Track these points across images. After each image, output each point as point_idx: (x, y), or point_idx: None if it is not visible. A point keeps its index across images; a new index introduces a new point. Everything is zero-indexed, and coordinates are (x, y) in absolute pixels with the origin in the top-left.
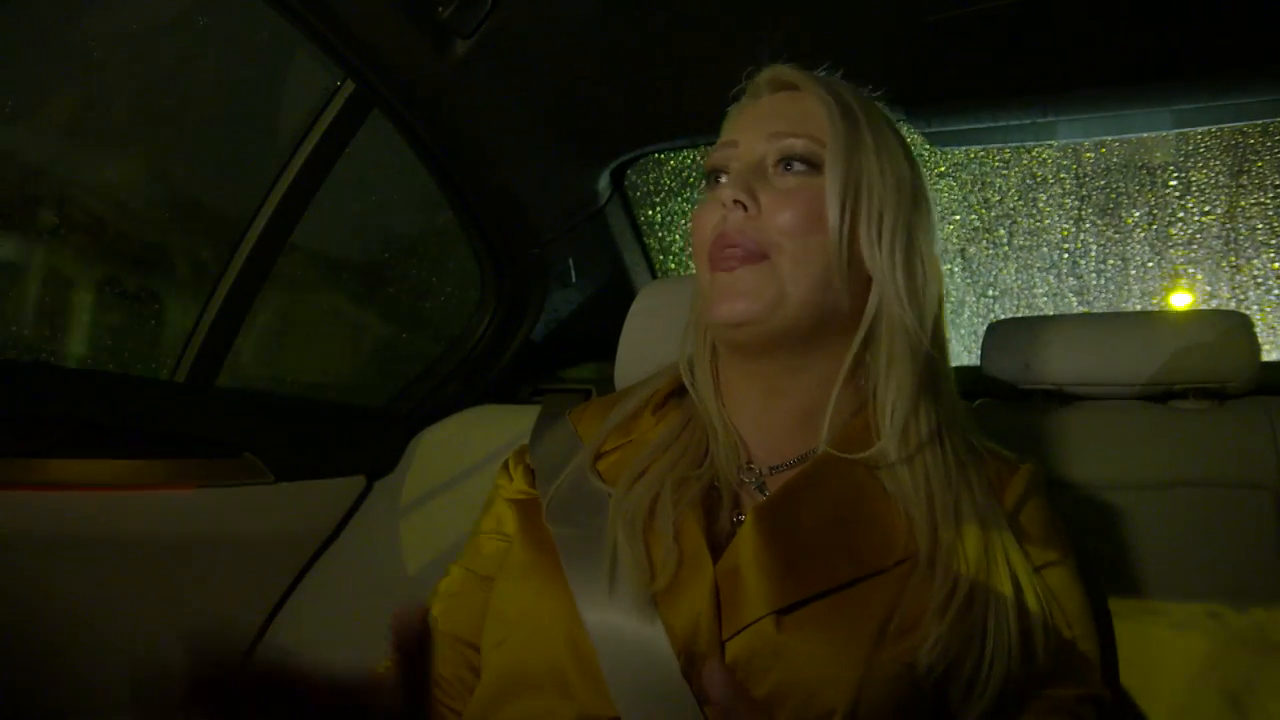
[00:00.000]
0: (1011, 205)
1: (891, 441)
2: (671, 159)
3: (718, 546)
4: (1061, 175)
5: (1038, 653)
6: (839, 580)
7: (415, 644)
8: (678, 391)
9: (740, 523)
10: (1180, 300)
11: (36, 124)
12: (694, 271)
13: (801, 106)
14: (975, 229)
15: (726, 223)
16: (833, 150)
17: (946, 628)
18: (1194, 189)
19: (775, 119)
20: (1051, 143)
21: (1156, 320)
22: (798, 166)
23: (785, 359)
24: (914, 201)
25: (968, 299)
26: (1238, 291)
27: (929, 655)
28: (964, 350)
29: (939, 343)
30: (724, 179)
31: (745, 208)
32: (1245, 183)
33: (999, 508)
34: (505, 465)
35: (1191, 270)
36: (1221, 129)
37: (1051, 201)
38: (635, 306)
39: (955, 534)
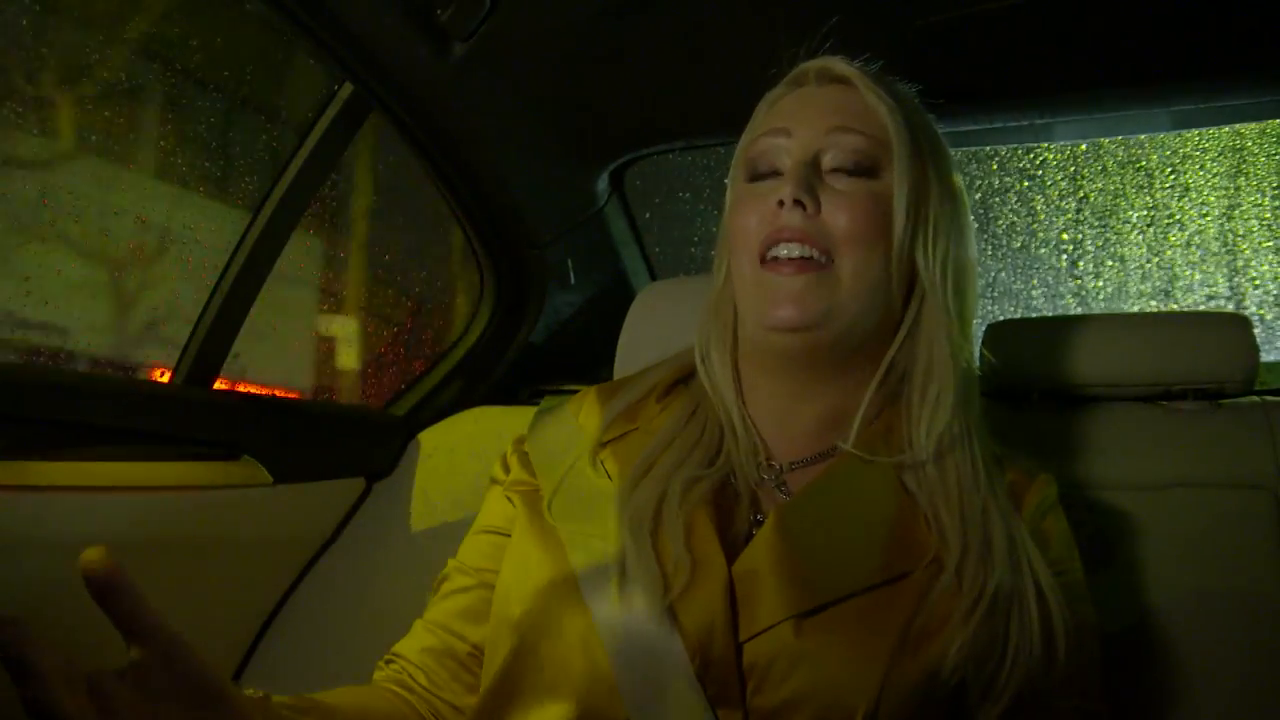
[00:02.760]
0: (1009, 206)
1: (927, 449)
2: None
3: (733, 546)
4: (1059, 177)
5: (1059, 656)
6: (862, 584)
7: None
8: (682, 380)
9: (759, 522)
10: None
11: None
12: (691, 273)
13: (858, 103)
14: (973, 230)
15: (782, 219)
16: (898, 155)
17: (971, 634)
18: (1192, 190)
19: (834, 112)
20: (1049, 144)
21: (1154, 321)
22: (860, 169)
23: (822, 365)
24: (965, 206)
25: None
26: (1236, 293)
27: (952, 663)
28: None
29: (970, 350)
30: (770, 178)
31: (804, 207)
32: (1243, 184)
33: (1019, 513)
34: (502, 458)
35: (1190, 271)
36: (1220, 130)
37: (1049, 203)
38: (635, 308)
39: (983, 538)
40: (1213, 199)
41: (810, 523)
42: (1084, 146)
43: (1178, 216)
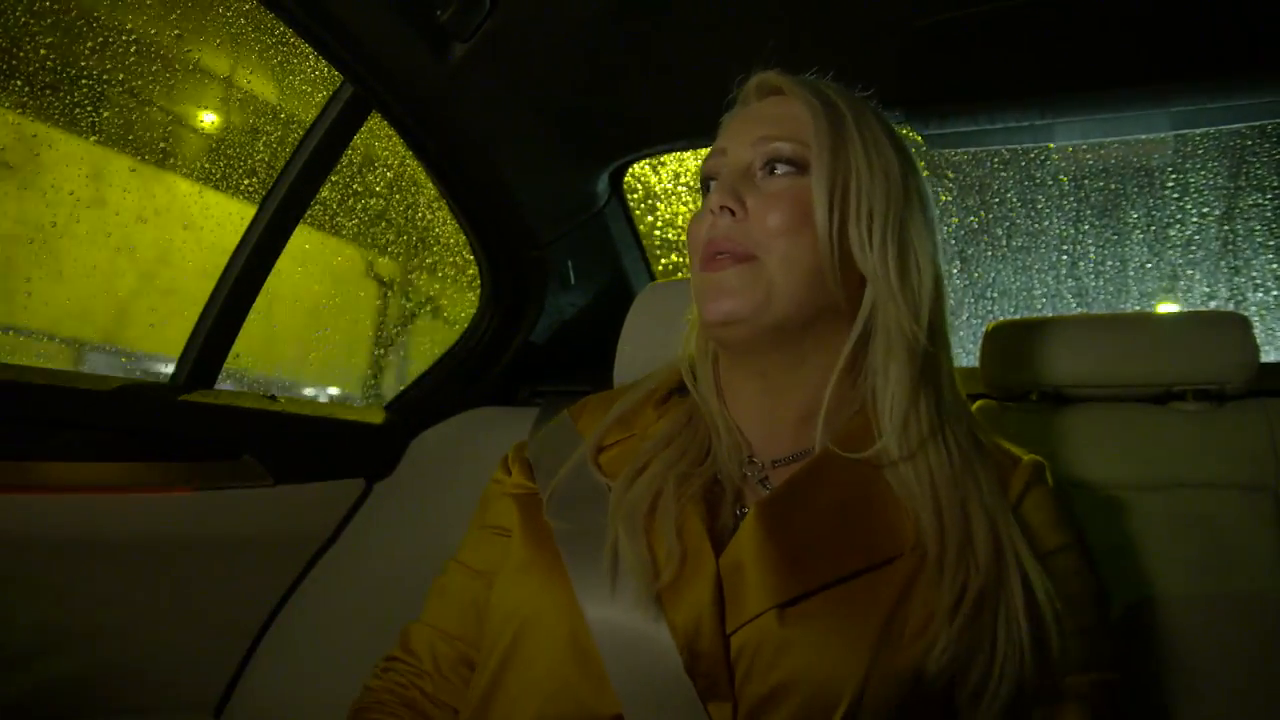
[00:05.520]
0: (1010, 207)
1: (892, 439)
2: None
3: (720, 542)
4: (1060, 177)
5: (1053, 656)
6: (843, 572)
7: None
8: (680, 388)
9: (743, 516)
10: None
11: None
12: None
13: (787, 110)
14: (974, 230)
15: (715, 229)
16: (817, 150)
17: (956, 632)
18: (1192, 190)
19: (761, 124)
20: (1049, 144)
21: (1155, 321)
22: (783, 169)
23: (780, 355)
24: (905, 196)
25: (966, 300)
26: (1236, 293)
27: (938, 661)
28: (962, 352)
29: (937, 338)
30: (713, 183)
31: (732, 212)
32: (1243, 184)
33: (1005, 503)
34: (504, 461)
35: (1190, 271)
36: (1219, 130)
37: (1050, 203)
38: (634, 309)
39: (964, 533)
40: (1213, 199)
41: (790, 514)
42: (1084, 146)
43: (1178, 216)
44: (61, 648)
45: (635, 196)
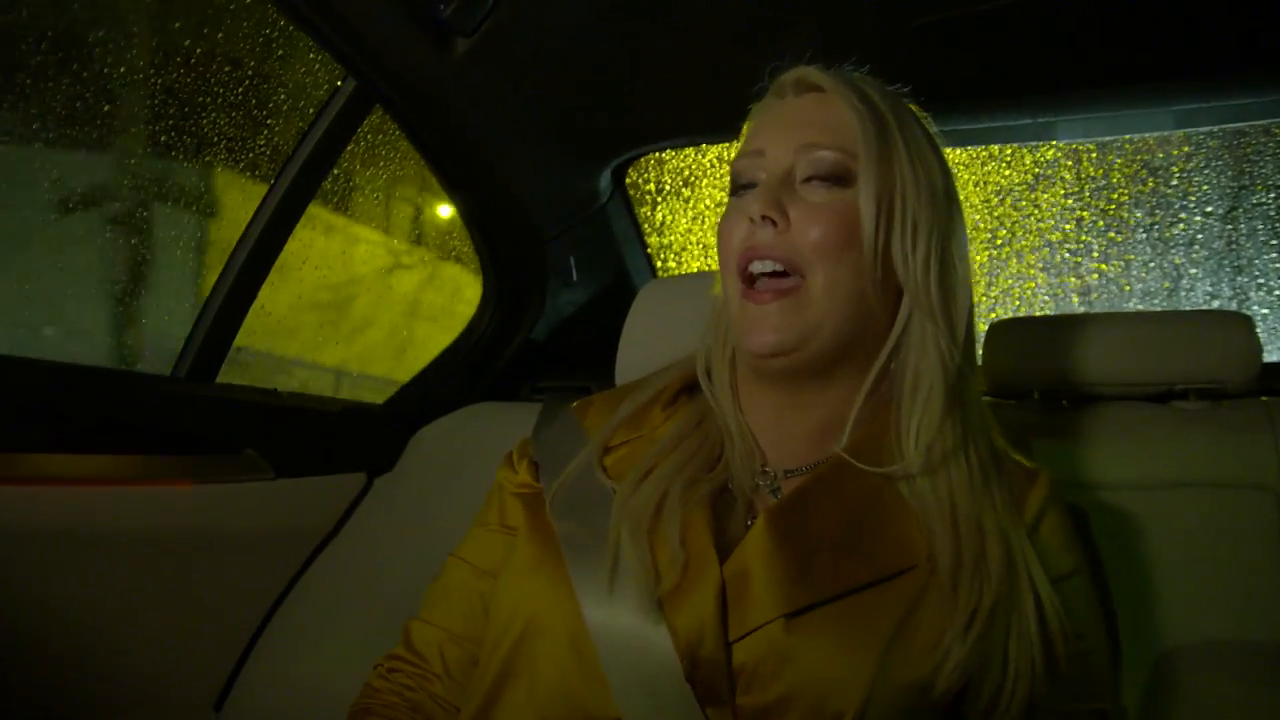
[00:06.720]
0: (1012, 205)
1: (916, 457)
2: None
3: (727, 549)
4: (1063, 175)
5: (1061, 668)
6: (852, 584)
7: None
8: (688, 387)
9: (752, 525)
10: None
11: None
12: (691, 270)
13: (830, 113)
14: (975, 229)
15: (755, 237)
16: (865, 163)
17: (968, 649)
18: (1195, 189)
19: (803, 127)
20: (1052, 143)
21: (1157, 320)
22: (829, 181)
23: (810, 376)
24: (948, 207)
25: None
26: (1239, 292)
27: (949, 677)
28: None
29: (968, 351)
30: (750, 189)
31: (774, 223)
32: (1247, 183)
33: (1019, 519)
34: (509, 458)
35: (1193, 271)
36: (1223, 129)
37: (1052, 202)
38: (636, 305)
39: (979, 548)
40: (1216, 198)
41: (800, 523)
42: (1087, 144)
43: (1181, 215)
44: (59, 643)
45: (634, 194)
